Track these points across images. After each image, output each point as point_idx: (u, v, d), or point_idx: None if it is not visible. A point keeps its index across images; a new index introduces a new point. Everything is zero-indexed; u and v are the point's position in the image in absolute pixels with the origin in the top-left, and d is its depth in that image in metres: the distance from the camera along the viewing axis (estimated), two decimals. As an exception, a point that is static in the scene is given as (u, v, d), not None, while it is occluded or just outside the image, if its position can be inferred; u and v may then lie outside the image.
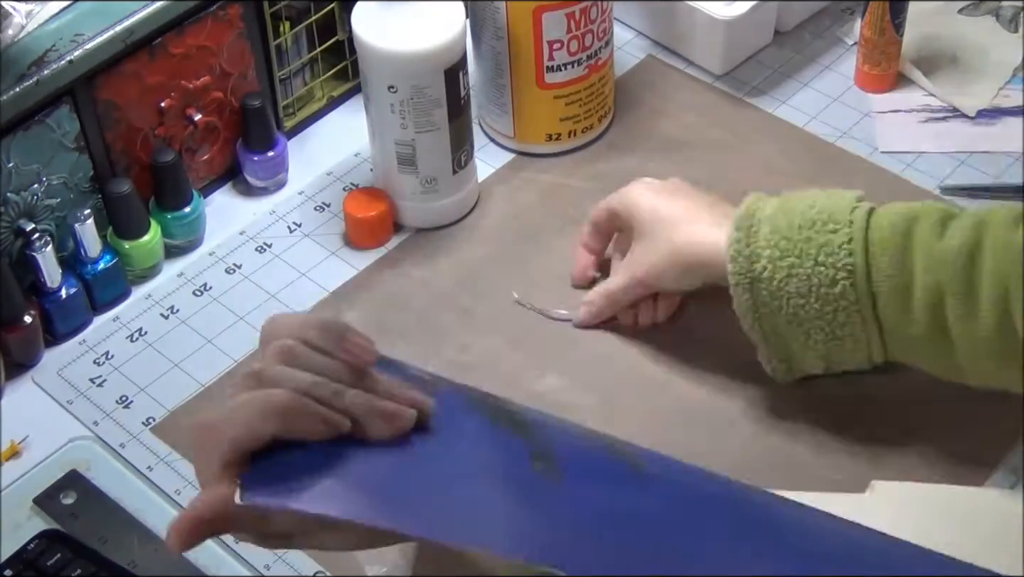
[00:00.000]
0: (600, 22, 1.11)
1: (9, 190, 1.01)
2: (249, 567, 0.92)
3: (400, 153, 1.08)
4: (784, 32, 1.26)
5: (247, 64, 1.12)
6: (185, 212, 1.10)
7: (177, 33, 1.06)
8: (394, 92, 1.05)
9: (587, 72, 1.13)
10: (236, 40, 1.10)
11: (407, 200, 1.11)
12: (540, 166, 1.17)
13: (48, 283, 1.03)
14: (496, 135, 1.18)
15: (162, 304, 1.08)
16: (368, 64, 1.05)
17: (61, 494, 0.96)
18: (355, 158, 1.17)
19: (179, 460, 0.98)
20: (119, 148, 1.07)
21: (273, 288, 1.09)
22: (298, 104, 1.19)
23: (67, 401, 1.02)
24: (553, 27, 1.10)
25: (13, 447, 0.99)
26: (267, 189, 1.16)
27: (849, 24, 1.26)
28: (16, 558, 0.91)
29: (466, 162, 1.11)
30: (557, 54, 1.11)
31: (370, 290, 1.08)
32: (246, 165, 1.14)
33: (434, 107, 1.06)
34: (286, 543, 0.72)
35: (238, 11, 1.09)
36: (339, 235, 1.12)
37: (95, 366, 1.04)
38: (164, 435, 0.99)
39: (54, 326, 1.05)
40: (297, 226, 1.13)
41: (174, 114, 1.09)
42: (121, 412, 1.01)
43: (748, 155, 1.16)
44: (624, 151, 1.17)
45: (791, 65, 1.23)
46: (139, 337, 1.06)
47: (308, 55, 1.17)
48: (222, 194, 1.16)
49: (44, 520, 0.95)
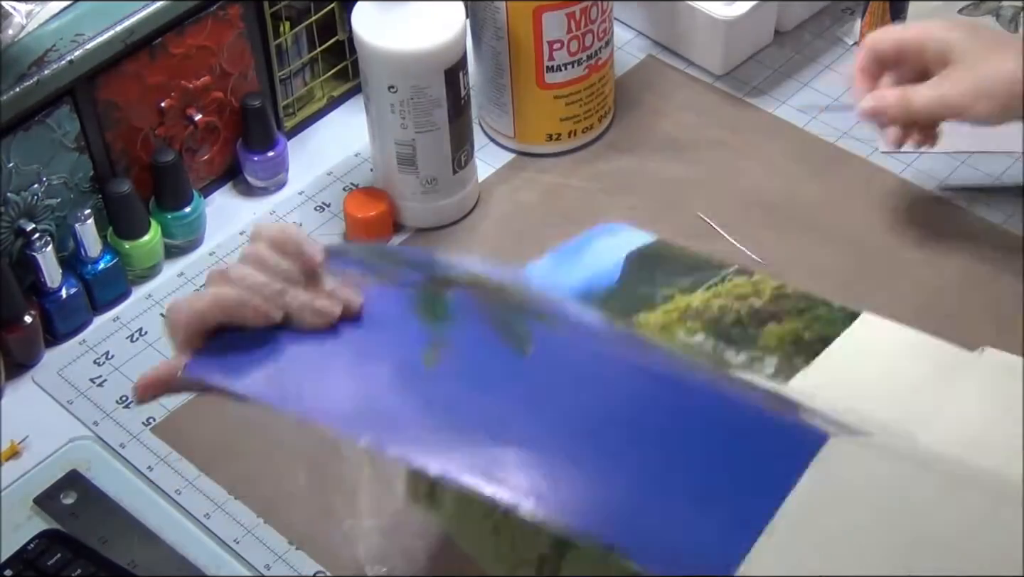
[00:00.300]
0: (600, 22, 1.11)
1: (9, 190, 1.01)
2: (249, 567, 0.92)
3: (400, 153, 1.08)
4: (784, 32, 1.26)
5: (247, 64, 1.12)
6: (185, 212, 1.10)
7: (177, 33, 1.06)
8: (394, 92, 1.05)
9: (587, 72, 1.13)
10: (236, 40, 1.10)
11: (407, 200, 1.11)
12: (540, 166, 1.17)
13: (48, 283, 1.03)
14: (496, 135, 1.18)
15: (162, 304, 1.08)
16: (368, 64, 1.05)
17: (61, 494, 0.96)
18: (355, 158, 1.17)
19: (179, 460, 0.98)
20: (119, 148, 1.07)
21: (273, 288, 1.08)
22: (298, 104, 1.19)
23: (67, 401, 1.02)
24: (553, 27, 1.10)
25: (13, 447, 0.99)
26: (267, 189, 1.16)
27: (849, 24, 1.26)
28: (16, 558, 0.91)
29: (466, 162, 1.11)
30: (557, 54, 1.11)
31: (370, 290, 1.08)
32: (246, 165, 1.14)
33: (434, 107, 1.06)
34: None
35: (238, 11, 1.09)
36: (339, 235, 1.12)
37: (95, 366, 1.04)
38: (164, 435, 0.99)
39: (54, 326, 1.05)
40: (298, 226, 1.13)
41: (174, 114, 1.09)
42: (121, 412, 1.01)
43: (748, 155, 1.16)
44: (624, 151, 1.17)
45: (791, 65, 1.23)
46: (139, 337, 1.06)
47: (308, 55, 1.17)
48: (222, 194, 1.16)
49: (44, 520, 0.95)
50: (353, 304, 0.80)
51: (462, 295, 0.83)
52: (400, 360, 0.79)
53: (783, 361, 0.89)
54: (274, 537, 0.94)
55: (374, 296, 0.82)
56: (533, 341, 0.81)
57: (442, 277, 0.86)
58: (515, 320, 0.82)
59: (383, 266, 0.86)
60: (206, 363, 0.79)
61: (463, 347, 0.80)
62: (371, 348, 0.80)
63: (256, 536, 0.94)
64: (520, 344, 0.81)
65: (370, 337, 0.80)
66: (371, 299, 0.81)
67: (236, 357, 0.79)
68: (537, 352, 0.80)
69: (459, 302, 0.83)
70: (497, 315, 0.83)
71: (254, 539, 0.94)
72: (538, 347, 0.80)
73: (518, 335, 0.81)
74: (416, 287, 0.84)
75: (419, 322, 0.81)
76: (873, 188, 1.13)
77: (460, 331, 0.80)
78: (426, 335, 0.80)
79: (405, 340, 0.80)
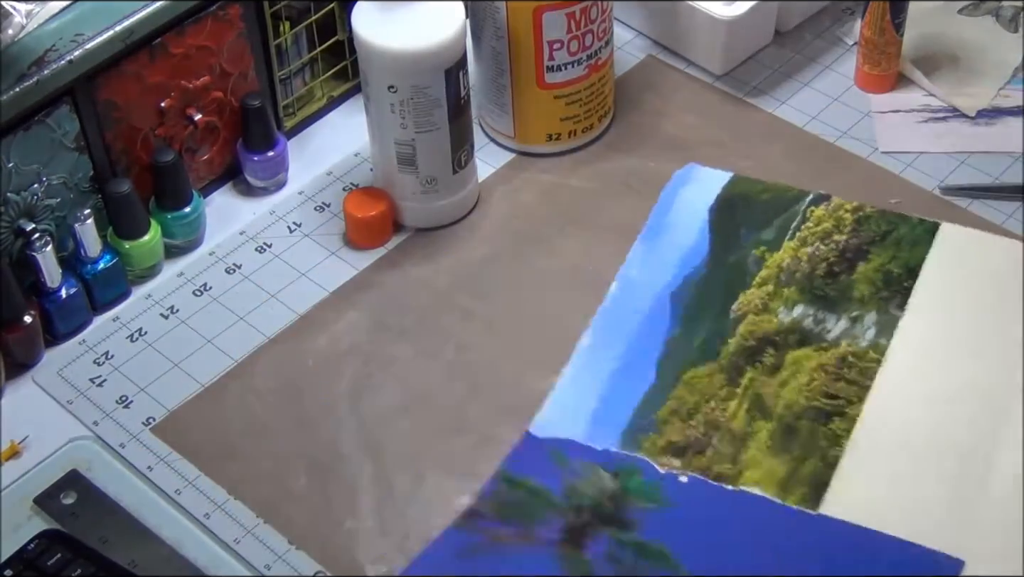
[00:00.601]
0: (600, 22, 1.11)
1: (9, 190, 1.01)
2: (249, 567, 0.92)
3: (400, 153, 1.08)
4: (784, 32, 1.26)
5: (247, 64, 1.12)
6: (185, 212, 1.10)
7: (177, 33, 1.06)
8: (394, 92, 1.05)
9: (587, 72, 1.13)
10: (236, 40, 1.10)
11: (407, 200, 1.11)
12: (540, 166, 1.17)
13: (48, 283, 1.03)
14: (496, 135, 1.18)
15: (162, 304, 1.08)
16: (368, 64, 1.05)
17: (61, 494, 0.96)
18: (355, 158, 1.17)
19: (179, 460, 0.98)
20: (119, 148, 1.07)
21: (273, 288, 1.09)
22: (298, 104, 1.19)
23: (67, 401, 1.02)
24: (553, 27, 1.10)
25: (13, 447, 0.99)
26: (267, 189, 1.16)
27: (849, 24, 1.26)
28: (16, 558, 0.91)
29: (466, 162, 1.11)
30: (557, 54, 1.11)
31: (370, 290, 1.08)
32: (246, 165, 1.14)
33: (434, 107, 1.06)
34: None
35: (238, 11, 1.09)
36: (339, 235, 1.12)
37: (95, 366, 1.04)
38: (164, 435, 0.99)
39: (54, 326, 1.05)
40: (297, 226, 1.13)
41: (174, 114, 1.09)
42: (121, 412, 1.01)
43: (748, 155, 1.16)
44: (624, 151, 1.17)
45: (791, 65, 1.23)
46: (139, 337, 1.06)
47: (308, 55, 1.17)
48: (222, 194, 1.16)
49: (44, 520, 0.95)
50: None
51: (598, 555, 0.91)
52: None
53: (881, 314, 1.01)
54: (274, 537, 0.94)
55: (516, 556, 0.91)
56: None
57: (582, 524, 0.93)
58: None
59: (519, 523, 0.93)
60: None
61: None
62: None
63: (256, 536, 0.94)
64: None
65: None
66: (515, 560, 0.91)
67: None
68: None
69: (598, 562, 0.90)
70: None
71: (254, 539, 0.94)
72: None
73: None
74: (556, 545, 0.91)
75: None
76: (873, 188, 1.13)
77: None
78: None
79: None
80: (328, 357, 1.04)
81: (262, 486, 0.96)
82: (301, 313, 1.07)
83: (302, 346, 1.04)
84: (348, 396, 1.01)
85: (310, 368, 1.03)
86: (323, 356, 1.04)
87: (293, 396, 1.01)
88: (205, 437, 0.99)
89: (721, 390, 0.99)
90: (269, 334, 1.05)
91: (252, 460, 0.98)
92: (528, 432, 0.97)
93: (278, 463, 0.97)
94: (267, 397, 1.01)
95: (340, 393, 1.01)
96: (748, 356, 1.01)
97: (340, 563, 0.92)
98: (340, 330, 1.05)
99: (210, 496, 0.96)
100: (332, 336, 1.05)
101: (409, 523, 0.94)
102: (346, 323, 1.06)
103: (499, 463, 0.96)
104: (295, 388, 1.02)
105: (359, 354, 1.04)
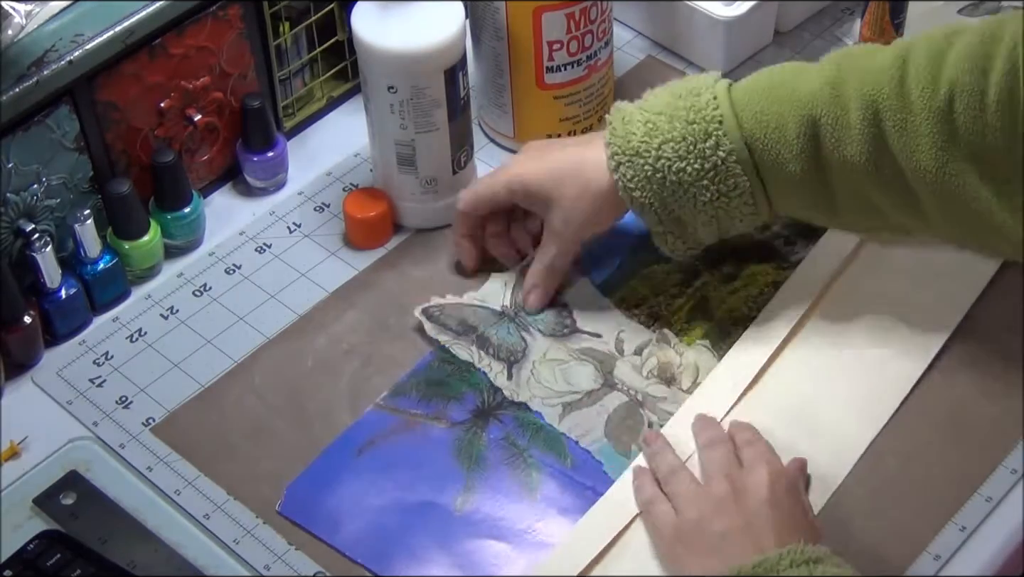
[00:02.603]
0: (600, 22, 1.11)
1: (9, 190, 1.01)
2: (249, 567, 0.92)
3: (400, 153, 1.08)
4: (784, 32, 1.26)
5: (247, 64, 1.12)
6: (185, 212, 1.10)
7: (177, 33, 1.06)
8: (394, 92, 1.05)
9: (587, 72, 1.13)
10: (236, 40, 1.10)
11: (407, 200, 1.11)
12: (540, 166, 1.16)
13: (48, 283, 1.03)
14: (496, 135, 1.18)
15: (162, 304, 1.08)
16: (368, 64, 1.05)
17: (61, 494, 0.96)
18: (355, 158, 1.17)
19: (179, 460, 0.98)
20: (119, 148, 1.07)
21: (273, 288, 1.09)
22: (298, 104, 1.19)
23: (67, 401, 1.02)
24: (553, 27, 1.10)
25: (13, 447, 0.99)
26: (267, 189, 1.16)
27: (849, 24, 1.26)
28: (16, 558, 0.91)
29: (466, 162, 1.11)
30: (557, 54, 1.11)
31: (370, 290, 1.08)
32: (246, 165, 1.14)
33: (434, 107, 1.06)
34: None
35: (238, 11, 1.09)
36: (339, 235, 1.12)
37: (95, 366, 1.04)
38: (164, 435, 0.99)
39: (54, 326, 1.05)
40: (297, 226, 1.13)
41: (174, 114, 1.09)
42: (121, 412, 1.01)
43: (748, 155, 1.16)
44: (624, 151, 1.17)
45: (791, 65, 1.23)
46: (139, 337, 1.06)
47: (308, 55, 1.17)
48: (222, 194, 1.16)
49: (44, 520, 0.95)
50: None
51: (496, 439, 0.98)
52: (436, 504, 0.94)
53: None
54: (274, 537, 0.94)
55: (422, 439, 0.98)
56: (542, 487, 0.96)
57: (491, 407, 0.99)
58: (535, 466, 0.97)
59: (437, 402, 1.00)
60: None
61: (486, 496, 0.95)
62: (413, 492, 0.95)
63: (256, 536, 0.94)
64: (531, 492, 0.95)
65: (415, 482, 0.95)
66: (419, 444, 0.97)
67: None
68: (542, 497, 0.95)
69: (492, 447, 0.97)
70: (519, 463, 0.97)
71: (254, 539, 0.94)
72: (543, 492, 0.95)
73: (530, 485, 0.96)
74: (461, 427, 0.98)
75: (458, 468, 0.96)
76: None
77: (487, 480, 0.96)
78: (461, 481, 0.95)
79: (444, 485, 0.95)
80: (328, 357, 1.04)
81: (262, 486, 0.96)
82: (301, 313, 1.07)
83: (302, 346, 1.04)
84: (348, 396, 1.01)
85: (310, 368, 1.03)
86: (323, 356, 1.04)
87: (293, 396, 1.01)
88: (205, 437, 0.99)
89: (673, 288, 1.06)
90: (269, 334, 1.05)
91: (252, 460, 0.98)
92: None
93: (278, 463, 0.97)
94: (267, 397, 1.01)
95: (340, 393, 1.01)
96: (708, 262, 1.07)
97: (340, 563, 0.92)
98: (340, 330, 1.05)
99: (210, 496, 0.96)
100: (332, 336, 1.05)
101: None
102: (346, 323, 1.06)
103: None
104: (295, 388, 1.02)
105: (359, 354, 1.04)
